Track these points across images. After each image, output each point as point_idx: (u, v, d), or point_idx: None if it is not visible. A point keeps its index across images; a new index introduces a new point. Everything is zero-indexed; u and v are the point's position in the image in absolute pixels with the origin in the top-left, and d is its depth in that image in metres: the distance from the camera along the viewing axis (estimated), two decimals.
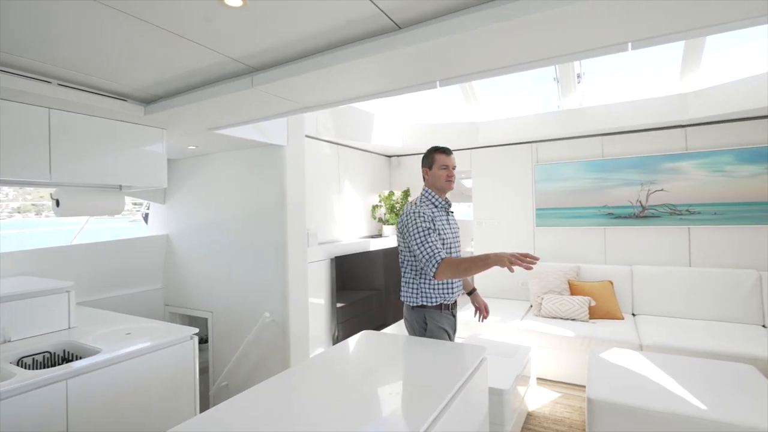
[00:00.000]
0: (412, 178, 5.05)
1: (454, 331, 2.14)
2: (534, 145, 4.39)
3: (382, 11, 1.26)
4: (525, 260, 1.65)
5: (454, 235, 2.11)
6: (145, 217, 3.70)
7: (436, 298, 2.02)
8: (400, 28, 1.37)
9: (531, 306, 4.01)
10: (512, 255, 1.68)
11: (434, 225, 1.97)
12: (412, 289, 2.06)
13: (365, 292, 3.98)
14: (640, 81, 4.10)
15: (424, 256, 1.88)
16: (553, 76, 4.02)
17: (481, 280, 4.65)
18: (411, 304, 2.07)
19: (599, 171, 4.01)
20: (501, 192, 4.56)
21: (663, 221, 3.74)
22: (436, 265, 1.85)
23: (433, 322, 2.04)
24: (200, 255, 3.10)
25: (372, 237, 4.38)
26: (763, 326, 3.26)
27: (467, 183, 5.93)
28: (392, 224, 4.55)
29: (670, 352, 2.89)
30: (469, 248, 5.73)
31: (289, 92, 1.77)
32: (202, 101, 1.86)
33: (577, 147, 4.18)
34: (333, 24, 1.34)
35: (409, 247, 2.00)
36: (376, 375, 1.44)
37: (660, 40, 1.34)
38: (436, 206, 2.09)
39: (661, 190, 3.75)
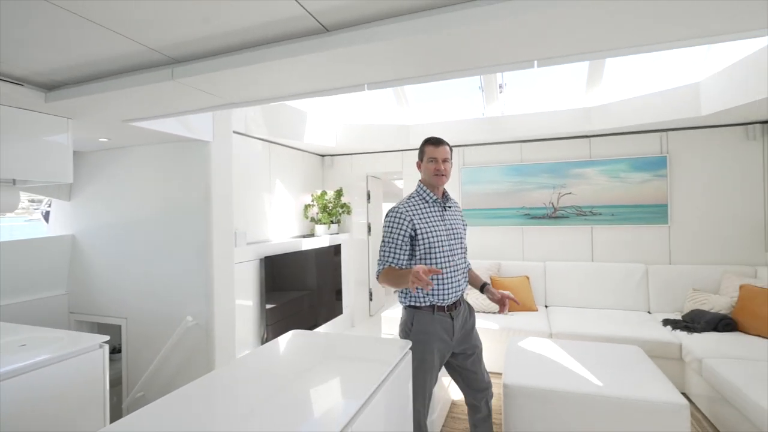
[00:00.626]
0: (345, 178, 5.08)
1: (452, 335, 1.93)
2: (461, 149, 4.64)
3: (308, 13, 1.27)
4: (422, 280, 1.53)
5: (451, 231, 1.95)
6: (46, 216, 3.32)
7: (425, 297, 1.89)
8: (327, 30, 1.39)
9: None
10: (415, 274, 1.54)
11: (409, 227, 1.86)
12: (404, 288, 1.93)
13: (297, 293, 3.93)
14: (556, 92, 4.50)
15: (378, 260, 1.93)
16: (479, 85, 4.28)
17: None
18: (403, 304, 1.98)
19: (519, 175, 4.35)
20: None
21: (571, 221, 4.16)
22: (378, 272, 1.90)
23: (419, 325, 1.89)
24: (113, 256, 2.86)
25: (304, 237, 4.34)
26: (648, 312, 3.76)
27: (399, 184, 6.09)
28: (325, 224, 4.53)
29: (575, 338, 3.22)
30: None
31: (214, 87, 1.71)
32: (115, 91, 1.73)
33: (499, 152, 4.49)
34: (258, 21, 1.32)
35: None
36: (300, 374, 1.45)
37: (562, 60, 1.51)
38: (426, 202, 1.97)
39: (570, 193, 4.17)
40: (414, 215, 1.90)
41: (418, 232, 1.88)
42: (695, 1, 1.08)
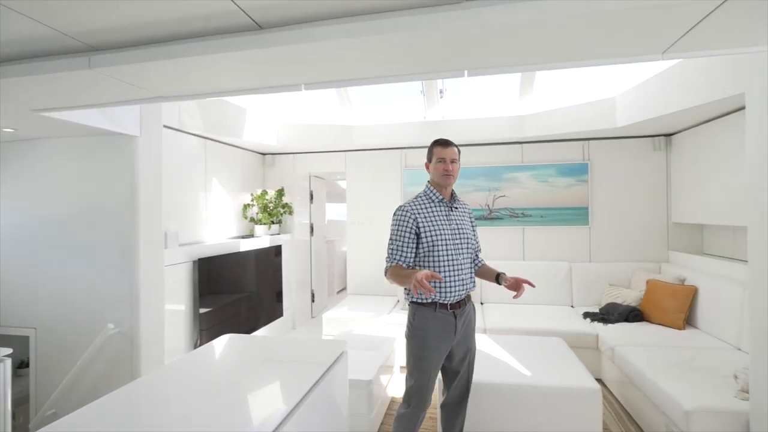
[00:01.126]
0: (287, 177, 4.98)
1: (455, 332, 1.93)
2: (404, 151, 4.73)
3: (240, 8, 1.24)
4: (424, 286, 1.57)
5: (456, 231, 1.96)
6: None
7: (427, 296, 1.86)
8: (261, 28, 1.36)
9: (398, 300, 4.31)
10: (418, 280, 1.58)
11: (413, 225, 1.89)
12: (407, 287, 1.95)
13: (234, 296, 3.79)
14: (493, 99, 4.74)
15: (386, 258, 1.96)
16: (420, 89, 4.40)
17: (354, 278, 4.82)
18: (408, 300, 2.00)
19: (458, 177, 4.51)
20: (373, 194, 4.79)
21: (505, 222, 4.40)
22: (386, 269, 1.92)
23: (419, 321, 1.90)
24: (18, 259, 2.58)
25: (243, 237, 4.19)
26: (572, 306, 4.08)
27: (342, 184, 6.08)
28: (265, 224, 4.41)
29: (507, 333, 3.42)
30: (343, 247, 5.88)
31: (138, 79, 1.61)
32: (20, 77, 1.57)
33: None
34: (186, 14, 1.27)
35: None
36: (230, 379, 1.41)
37: (493, 70, 1.60)
38: (432, 202, 1.98)
39: (504, 195, 4.41)
40: (418, 214, 1.93)
41: (422, 230, 1.91)
42: (599, 29, 1.20)
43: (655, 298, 3.48)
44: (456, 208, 2.03)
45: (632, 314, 3.47)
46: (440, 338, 1.90)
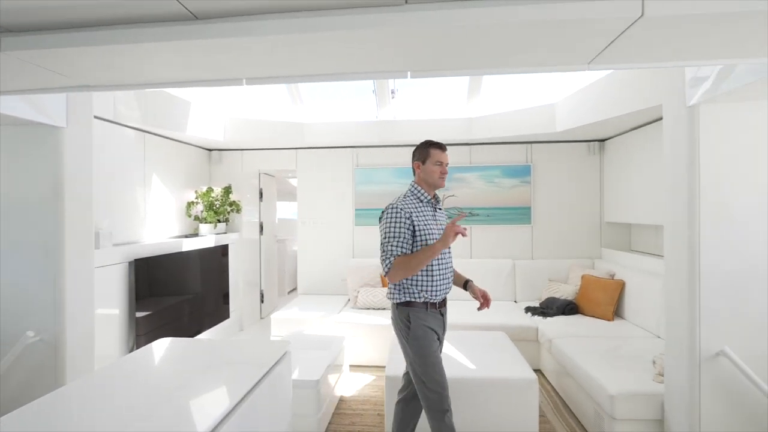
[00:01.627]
0: (235, 174, 4.82)
1: (444, 330, 2.02)
2: (355, 149, 4.73)
3: None
4: (457, 227, 1.76)
5: (441, 231, 1.99)
6: None
7: (420, 295, 1.92)
8: (197, 18, 1.31)
9: (349, 299, 4.31)
10: (451, 229, 1.76)
11: (409, 223, 1.89)
12: (395, 285, 1.96)
13: (176, 298, 3.61)
14: (443, 101, 4.85)
15: (381, 257, 1.90)
16: (372, 88, 4.41)
17: (304, 278, 4.76)
18: (395, 301, 1.98)
19: (409, 177, 4.59)
20: (325, 192, 4.75)
21: None
22: (388, 266, 1.85)
23: (417, 320, 1.92)
24: None
25: (186, 237, 4.00)
26: (515, 301, 4.28)
27: (294, 182, 5.98)
28: (211, 223, 4.24)
29: (455, 329, 3.51)
30: (295, 247, 5.78)
31: (59, 65, 1.49)
32: None
33: (391, 154, 4.69)
34: None
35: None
36: (164, 383, 1.34)
37: (435, 74, 1.64)
38: (421, 201, 2.01)
39: (453, 195, 4.54)
40: (412, 212, 1.93)
41: (416, 228, 1.90)
42: (528, 39, 1.27)
43: (589, 292, 3.73)
44: (439, 208, 2.09)
45: (568, 308, 3.70)
46: (437, 334, 1.96)
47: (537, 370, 3.53)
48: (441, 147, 2.01)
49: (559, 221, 4.47)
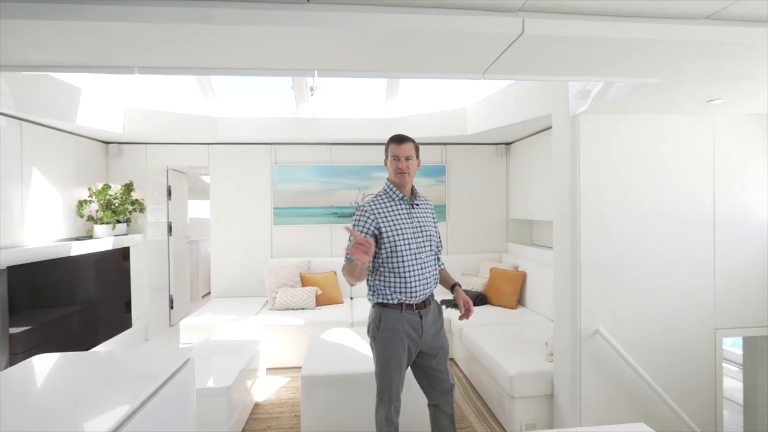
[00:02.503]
0: (138, 170, 4.41)
1: (421, 333, 1.88)
2: (273, 147, 4.60)
3: None
4: (360, 242, 1.65)
5: (418, 229, 1.91)
6: None
7: (393, 295, 1.84)
8: None
9: (267, 301, 4.19)
10: (354, 241, 1.66)
11: (373, 226, 1.83)
12: (369, 285, 1.94)
13: (65, 309, 3.21)
14: (363, 100, 4.90)
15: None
16: (290, 84, 4.32)
17: (219, 281, 4.52)
18: (371, 302, 1.95)
19: (328, 175, 4.58)
20: (240, 190, 4.55)
21: None
22: (342, 272, 1.86)
23: (387, 323, 1.85)
24: None
25: (77, 239, 3.57)
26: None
27: (207, 179, 5.63)
28: (108, 223, 3.84)
29: None
30: (209, 248, 5.46)
31: None
32: None
33: (310, 152, 4.63)
34: None
35: None
36: (37, 403, 1.20)
37: (341, 74, 1.66)
38: (393, 200, 1.93)
39: (372, 194, 4.59)
40: (378, 214, 1.86)
41: (383, 231, 1.84)
42: (427, 47, 1.34)
43: (496, 283, 4.04)
44: (417, 205, 1.99)
45: (478, 299, 3.97)
46: (409, 338, 1.86)
47: (450, 359, 3.74)
48: (398, 140, 1.94)
49: (471, 218, 4.77)
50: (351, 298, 4.41)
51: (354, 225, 1.88)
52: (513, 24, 1.24)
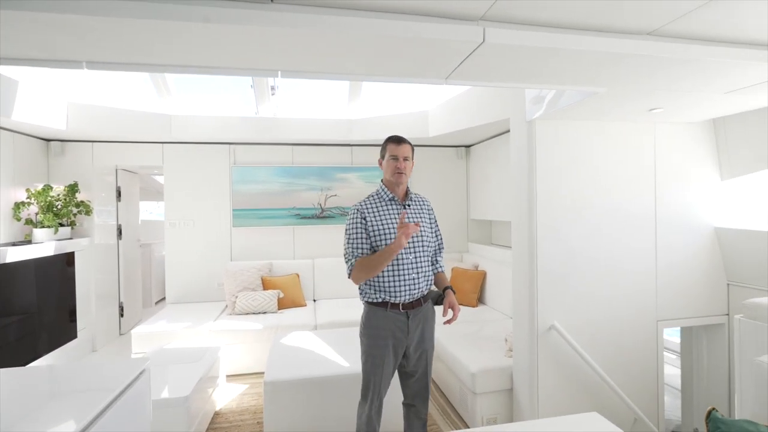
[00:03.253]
0: (84, 170, 4.13)
1: (407, 333, 1.89)
2: (232, 146, 4.46)
3: None
4: (406, 230, 1.73)
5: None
6: None
7: (378, 294, 1.87)
8: None
9: (226, 306, 4.05)
10: (401, 230, 1.74)
11: (363, 223, 1.87)
12: (360, 285, 1.95)
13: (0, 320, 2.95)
14: (325, 101, 4.86)
15: (345, 261, 1.90)
16: (250, 83, 4.21)
17: (174, 286, 4.32)
18: (362, 300, 1.98)
19: (290, 176, 4.50)
20: (197, 191, 4.38)
21: (336, 221, 4.59)
22: (350, 269, 1.86)
23: (370, 320, 1.90)
24: None
25: (13, 244, 3.29)
26: None
27: (161, 179, 5.37)
28: (49, 227, 3.57)
29: (336, 327, 3.57)
30: (163, 252, 5.22)
31: None
32: None
33: (271, 153, 4.54)
34: None
35: None
36: None
37: (306, 75, 1.65)
38: (383, 200, 1.95)
39: (335, 195, 4.59)
40: (367, 212, 1.90)
41: (369, 228, 1.88)
42: (393, 51, 1.36)
43: (457, 282, 4.14)
44: (409, 205, 1.98)
45: (440, 297, 4.04)
46: (393, 337, 1.88)
47: None
48: (396, 141, 1.94)
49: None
50: (314, 301, 4.36)
51: (348, 224, 1.92)
52: (475, 32, 1.28)
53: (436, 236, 2.10)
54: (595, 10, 1.26)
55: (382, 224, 1.88)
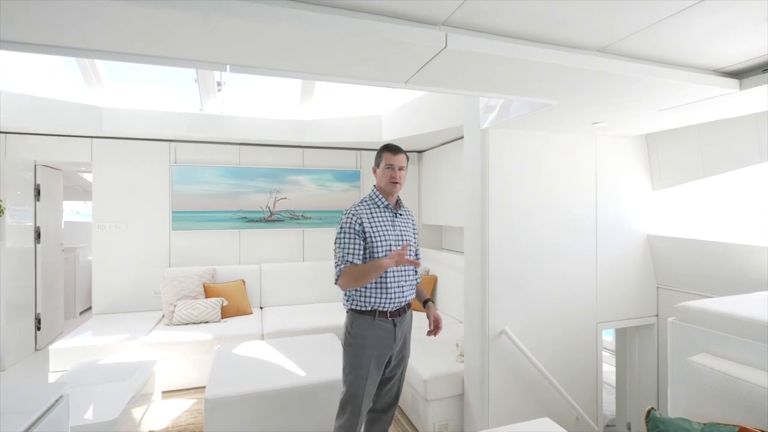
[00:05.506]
0: (5, 164, 3.65)
1: (395, 340, 1.89)
2: (173, 144, 4.16)
3: None
4: (403, 254, 1.76)
5: (400, 237, 1.94)
6: None
7: (367, 302, 1.84)
8: None
9: (163, 315, 3.75)
10: (396, 255, 1.76)
11: (360, 229, 1.83)
12: (345, 292, 1.91)
13: None
14: (276, 100, 4.69)
15: (335, 264, 1.83)
16: (194, 77, 3.95)
17: (102, 294, 3.93)
18: (346, 307, 1.92)
19: (236, 177, 4.28)
20: (132, 191, 4.03)
21: (285, 224, 4.43)
22: (338, 274, 1.80)
23: (357, 329, 1.85)
24: None
25: None
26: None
27: (89, 177, 4.90)
28: None
29: (286, 335, 3.43)
30: (89, 257, 4.76)
31: None
32: None
33: (216, 152, 4.29)
34: None
35: None
36: None
37: (257, 70, 1.53)
38: (378, 206, 1.95)
39: (285, 198, 4.43)
40: (363, 216, 1.87)
41: (366, 233, 1.85)
42: (349, 51, 1.30)
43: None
44: (400, 214, 2.01)
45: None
46: (378, 346, 1.85)
47: None
48: (392, 150, 1.96)
49: None
50: (261, 308, 4.16)
51: (341, 228, 1.86)
52: (437, 37, 1.26)
53: (417, 248, 2.16)
54: (551, 23, 1.28)
55: (377, 230, 1.89)
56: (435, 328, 2.04)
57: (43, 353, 3.92)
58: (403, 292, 1.92)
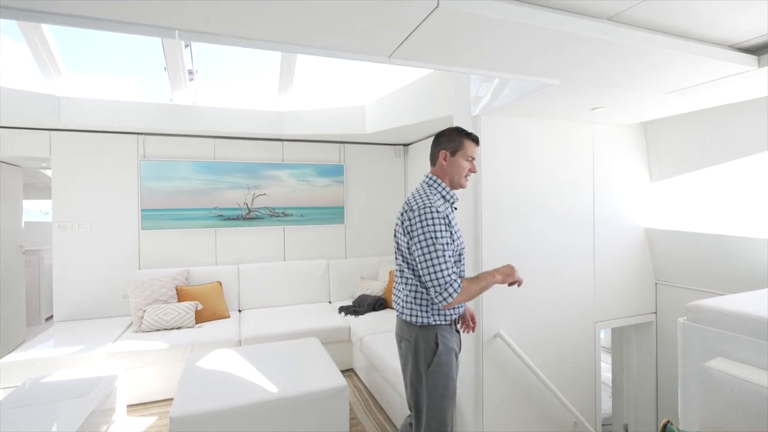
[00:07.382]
0: None
1: (461, 348, 1.79)
2: (140, 137, 3.87)
3: None
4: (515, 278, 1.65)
5: (461, 239, 1.73)
6: None
7: (450, 313, 1.68)
8: None
9: (131, 322, 3.48)
10: (512, 271, 1.65)
11: (448, 229, 1.59)
12: (420, 303, 1.64)
13: None
14: (252, 90, 4.44)
15: (434, 280, 1.51)
16: (163, 65, 3.68)
17: (64, 300, 3.63)
18: (417, 323, 1.63)
19: (211, 173, 4.01)
20: (96, 189, 3.73)
21: (265, 222, 4.18)
22: (454, 291, 1.50)
23: (444, 342, 1.64)
24: None
25: None
26: (329, 302, 4.23)
27: (50, 173, 4.56)
28: None
29: (264, 341, 3.21)
30: (48, 261, 4.43)
31: None
32: None
33: (189, 145, 4.02)
34: None
35: (412, 252, 1.58)
36: None
37: (213, 38, 1.31)
38: (447, 202, 1.71)
39: (264, 194, 4.18)
40: (447, 215, 1.63)
41: (453, 237, 1.64)
42: (326, 16, 1.10)
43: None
44: (456, 209, 1.83)
45: (378, 303, 3.83)
46: (458, 358, 1.74)
47: (350, 370, 3.54)
48: (476, 140, 1.73)
49: (369, 220, 4.64)
50: (239, 311, 3.91)
51: (433, 231, 1.54)
52: None
53: None
54: None
55: (456, 234, 1.69)
56: (472, 324, 1.92)
57: None
58: None
